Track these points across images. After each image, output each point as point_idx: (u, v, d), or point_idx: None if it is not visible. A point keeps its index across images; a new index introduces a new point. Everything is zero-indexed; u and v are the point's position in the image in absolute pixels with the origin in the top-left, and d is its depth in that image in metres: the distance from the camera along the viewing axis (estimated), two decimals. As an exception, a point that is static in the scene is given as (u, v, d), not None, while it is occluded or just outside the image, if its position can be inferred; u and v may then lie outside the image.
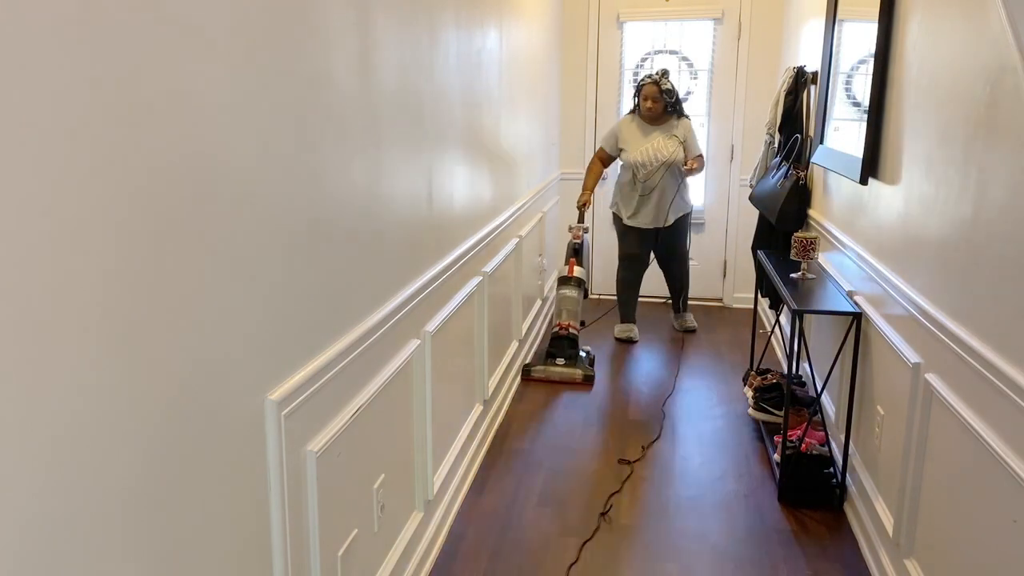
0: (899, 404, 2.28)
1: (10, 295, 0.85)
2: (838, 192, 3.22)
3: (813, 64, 3.75)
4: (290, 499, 1.51)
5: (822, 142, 3.43)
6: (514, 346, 3.92)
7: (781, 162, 3.84)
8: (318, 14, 1.55)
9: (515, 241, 3.72)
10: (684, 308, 4.87)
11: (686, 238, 4.67)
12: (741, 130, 5.20)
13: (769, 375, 3.55)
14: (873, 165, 2.65)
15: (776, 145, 3.97)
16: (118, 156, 1.00)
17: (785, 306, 3.66)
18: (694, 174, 4.43)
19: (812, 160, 3.58)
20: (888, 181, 2.52)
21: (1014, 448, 1.60)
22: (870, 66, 2.66)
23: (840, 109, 3.24)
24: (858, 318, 2.69)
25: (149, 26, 1.05)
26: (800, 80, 3.79)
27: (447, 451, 2.71)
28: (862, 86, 2.83)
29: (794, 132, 3.78)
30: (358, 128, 1.78)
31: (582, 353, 4.15)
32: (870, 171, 2.68)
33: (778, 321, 4.22)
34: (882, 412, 2.46)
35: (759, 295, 4.09)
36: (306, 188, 1.53)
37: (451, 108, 2.55)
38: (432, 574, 2.43)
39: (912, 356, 2.18)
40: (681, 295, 4.83)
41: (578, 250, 4.40)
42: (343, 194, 1.71)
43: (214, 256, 1.22)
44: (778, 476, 2.91)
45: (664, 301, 5.27)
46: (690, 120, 4.51)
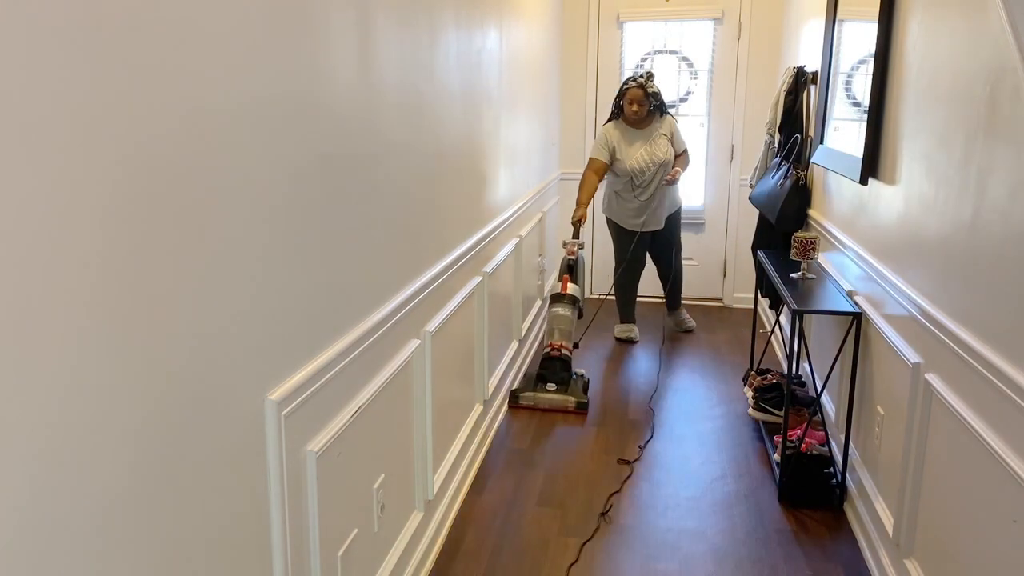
0: (899, 404, 2.28)
1: (3, 294, 0.85)
2: (838, 192, 3.22)
3: (813, 64, 3.75)
4: (290, 499, 1.51)
5: (822, 142, 3.43)
6: (514, 346, 3.92)
7: (781, 162, 3.84)
8: (318, 14, 1.55)
9: (515, 241, 3.72)
10: (678, 304, 4.80)
11: (678, 231, 4.66)
12: (741, 130, 5.20)
13: (769, 375, 3.55)
14: (873, 165, 2.66)
15: (776, 145, 3.97)
16: (118, 155, 1.00)
17: (785, 306, 3.66)
18: (677, 179, 4.40)
19: (812, 160, 3.58)
20: (888, 181, 2.52)
21: (1014, 448, 1.60)
22: (870, 66, 2.66)
23: (840, 109, 3.24)
24: (858, 318, 2.69)
25: (149, 32, 1.05)
26: (800, 80, 3.79)
27: (447, 451, 2.71)
28: (862, 86, 2.83)
29: (794, 132, 3.77)
30: (358, 127, 1.78)
31: (575, 375, 3.85)
32: (870, 171, 2.68)
33: (778, 321, 4.22)
34: (882, 412, 2.46)
35: (759, 295, 4.09)
36: (306, 189, 1.53)
37: (451, 108, 2.55)
38: (432, 574, 2.43)
39: (912, 356, 2.18)
40: (674, 287, 4.76)
41: (572, 267, 4.20)
42: (343, 193, 1.71)
43: (214, 256, 1.22)
44: (778, 476, 2.91)
45: (661, 300, 5.12)
46: (672, 116, 4.48)
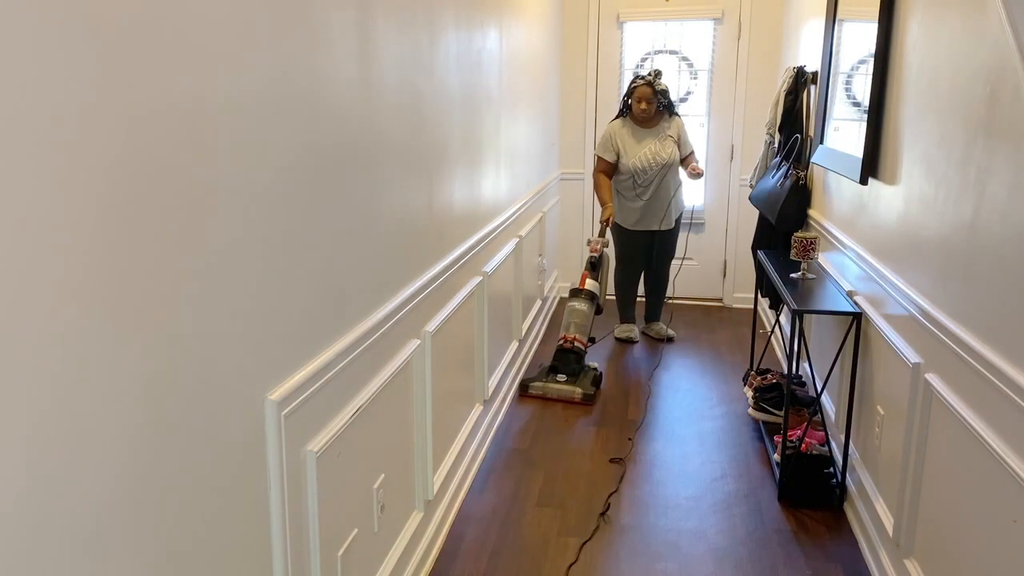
0: (899, 404, 2.28)
1: (0, 293, 0.85)
2: (838, 192, 3.22)
3: (813, 64, 3.75)
4: (290, 499, 1.51)
5: (822, 142, 3.43)
6: (514, 346, 3.92)
7: (781, 162, 3.84)
8: (318, 13, 1.55)
9: (515, 241, 3.72)
10: (658, 315, 4.76)
11: (677, 241, 4.64)
12: (741, 130, 5.20)
13: (769, 375, 3.55)
14: (873, 165, 2.65)
15: (776, 145, 3.97)
16: (116, 154, 1.00)
17: (785, 306, 3.66)
18: (699, 177, 4.39)
19: (812, 160, 3.58)
20: (888, 181, 2.52)
21: (1014, 448, 1.60)
22: (870, 66, 2.66)
23: (840, 109, 3.24)
24: (858, 318, 2.69)
25: (148, 33, 1.05)
26: (800, 80, 3.78)
27: (447, 451, 2.71)
28: (862, 86, 2.83)
29: (794, 132, 3.77)
30: (358, 127, 1.78)
31: (587, 368, 3.93)
32: (870, 171, 2.68)
33: (778, 321, 4.22)
34: (882, 412, 2.46)
35: (759, 295, 4.09)
36: (306, 188, 1.53)
37: (451, 108, 2.55)
38: (432, 574, 2.43)
39: (912, 356, 2.18)
40: (657, 298, 4.74)
41: (595, 264, 4.25)
42: (343, 193, 1.71)
43: (214, 255, 1.22)
44: (778, 476, 2.91)
45: (667, 300, 4.98)
46: (680, 118, 4.47)
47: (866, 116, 2.66)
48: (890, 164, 2.50)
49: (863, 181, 2.71)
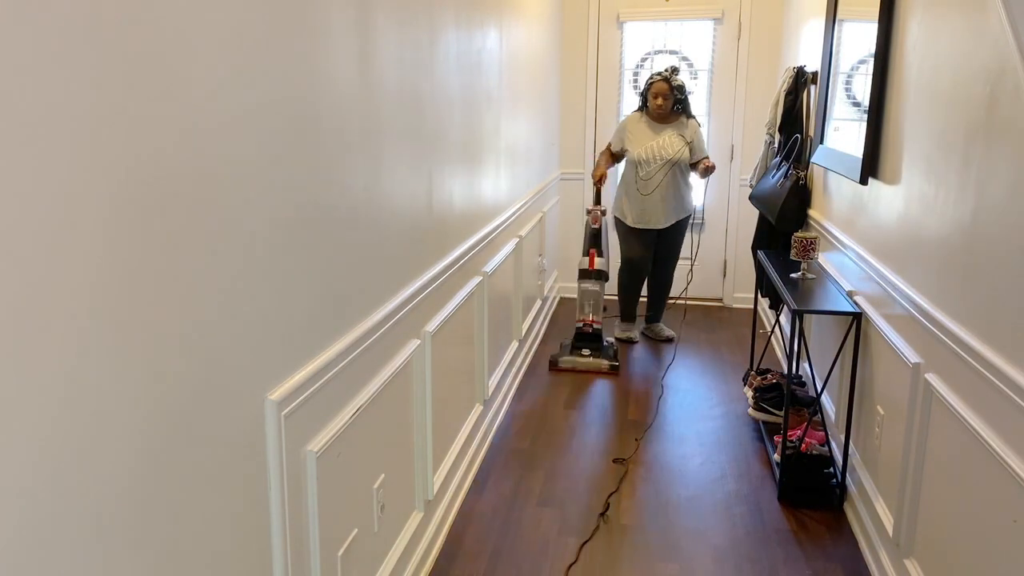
0: (899, 404, 2.28)
1: (4, 295, 0.85)
2: (838, 192, 3.22)
3: (813, 64, 3.75)
4: (290, 499, 1.51)
5: (822, 142, 3.43)
6: (514, 346, 3.92)
7: (781, 162, 3.84)
8: (318, 13, 1.55)
9: (515, 241, 3.72)
10: (659, 316, 4.75)
11: (682, 243, 4.59)
12: (741, 130, 5.20)
13: (769, 375, 3.55)
14: (873, 165, 2.65)
15: (776, 145, 3.97)
16: (115, 153, 1.00)
17: (785, 306, 3.66)
18: (710, 173, 4.36)
19: (812, 160, 3.58)
20: (888, 181, 2.52)
21: (1014, 448, 1.60)
22: (870, 66, 2.66)
23: (840, 109, 3.24)
24: (858, 318, 2.69)
25: (147, 24, 1.05)
26: (800, 80, 3.78)
27: (447, 451, 2.71)
28: (862, 86, 2.83)
29: (794, 132, 3.77)
30: (358, 127, 1.78)
31: (606, 343, 4.29)
32: (870, 171, 2.68)
33: (778, 321, 4.22)
34: (882, 412, 2.46)
35: (759, 295, 4.09)
36: (306, 188, 1.53)
37: (451, 108, 2.55)
38: (432, 574, 2.43)
39: (912, 356, 2.18)
40: (660, 299, 4.72)
41: (596, 236, 4.29)
42: (343, 194, 1.71)
43: (214, 256, 1.23)
44: (778, 476, 2.91)
45: (674, 301, 4.92)
46: (698, 122, 4.46)
47: (866, 116, 2.66)
48: (890, 164, 2.50)
49: (863, 181, 2.71)
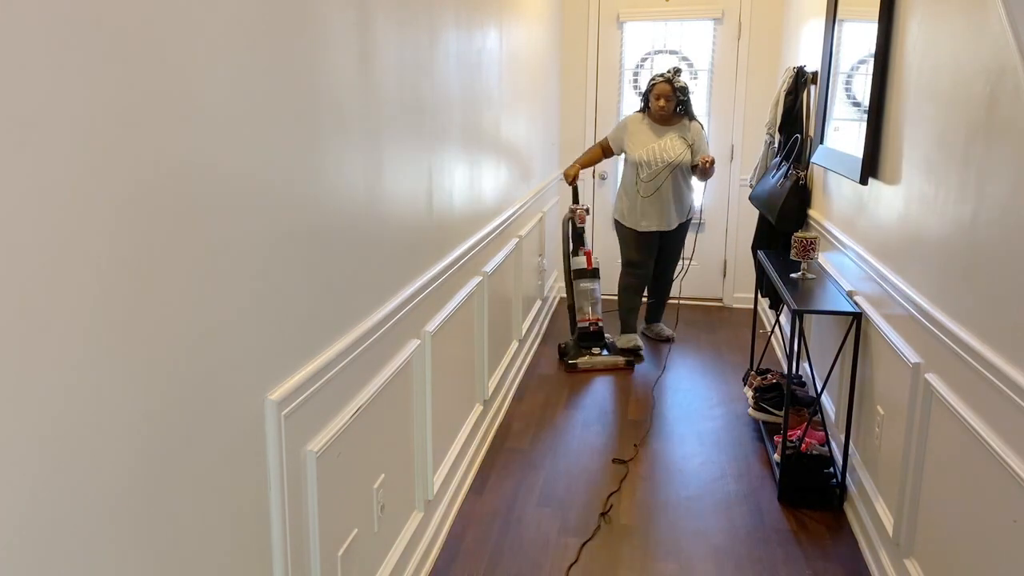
0: (899, 404, 2.28)
1: (7, 294, 0.85)
2: (838, 192, 3.22)
3: (813, 64, 3.75)
4: (290, 499, 1.51)
5: (822, 142, 3.43)
6: (514, 346, 3.92)
7: (781, 162, 3.84)
8: (319, 14, 1.55)
9: (515, 241, 3.72)
10: (660, 317, 4.74)
11: (684, 245, 4.55)
12: (741, 130, 5.20)
13: (769, 375, 3.55)
14: (873, 165, 2.65)
15: (776, 145, 3.97)
16: (117, 155, 1.00)
17: (785, 306, 3.66)
18: (709, 175, 4.21)
19: (812, 160, 3.58)
20: (888, 181, 2.52)
21: (1014, 448, 1.60)
22: (870, 66, 2.66)
23: (840, 109, 3.24)
24: (858, 318, 2.69)
25: (148, 27, 1.05)
26: (800, 80, 3.78)
27: (447, 451, 2.71)
28: (862, 86, 2.83)
29: (794, 132, 3.78)
30: (358, 128, 1.78)
31: (608, 340, 4.35)
32: (870, 171, 2.68)
33: (778, 321, 4.22)
34: (882, 412, 2.46)
35: (759, 295, 4.09)
36: (306, 188, 1.53)
37: (451, 108, 2.55)
38: (432, 574, 2.43)
39: (912, 356, 2.18)
40: (660, 300, 4.70)
41: (581, 235, 4.31)
42: (343, 194, 1.71)
43: (214, 256, 1.23)
44: (778, 476, 2.91)
45: (671, 301, 4.89)
46: (701, 125, 4.34)
47: (866, 116, 2.66)
48: (890, 164, 2.50)
49: (863, 181, 2.71)
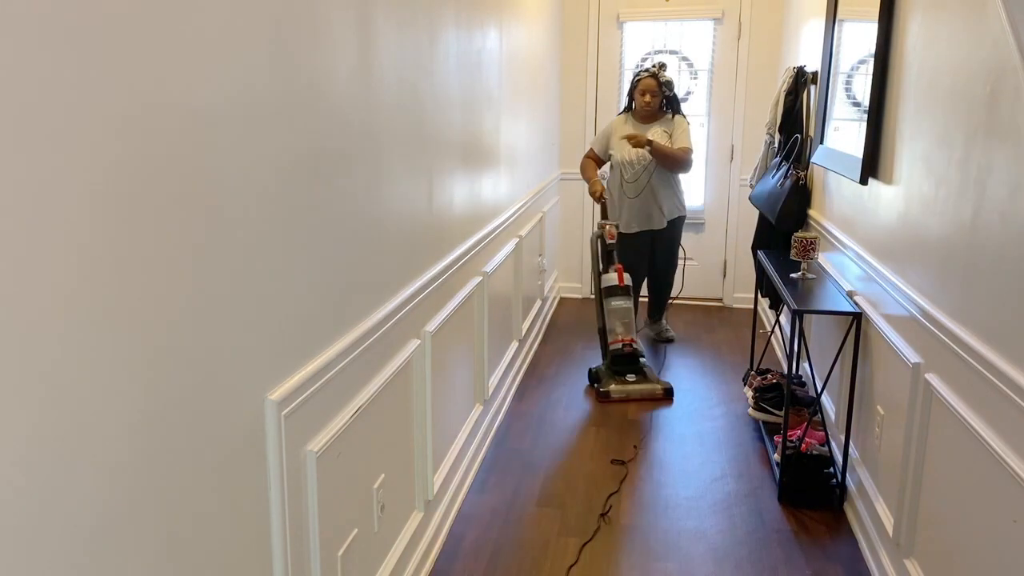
0: (899, 404, 2.28)
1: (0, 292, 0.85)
2: (838, 192, 3.22)
3: (813, 64, 3.75)
4: (290, 499, 1.51)
5: (822, 142, 3.43)
6: (514, 346, 3.92)
7: (781, 162, 3.84)
8: (319, 14, 1.55)
9: (515, 241, 3.72)
10: (661, 314, 4.70)
11: (678, 244, 4.51)
12: (741, 130, 5.20)
13: (769, 375, 3.55)
14: (873, 165, 2.65)
15: (776, 145, 3.97)
16: (115, 154, 1.00)
17: (785, 306, 3.66)
18: (669, 162, 4.14)
19: (812, 160, 3.58)
20: (888, 181, 2.52)
21: (1014, 448, 1.60)
22: (870, 66, 2.66)
23: (840, 109, 3.24)
24: (858, 318, 2.69)
25: (145, 23, 1.05)
26: (800, 80, 3.79)
27: (447, 451, 2.71)
28: (862, 86, 2.83)
29: (794, 132, 3.77)
30: (358, 127, 1.78)
31: (643, 364, 3.96)
32: (870, 171, 2.68)
33: (778, 321, 4.22)
34: (882, 412, 2.46)
35: (759, 295, 4.09)
36: (306, 187, 1.53)
37: (451, 108, 2.55)
38: (432, 574, 2.43)
39: (912, 356, 2.18)
40: (660, 297, 4.66)
41: (611, 252, 4.06)
42: (343, 193, 1.71)
43: (214, 256, 1.23)
44: (778, 476, 2.91)
45: (671, 300, 4.86)
46: (687, 120, 4.31)
47: (866, 116, 2.66)
48: (890, 164, 2.50)
49: (863, 181, 2.71)
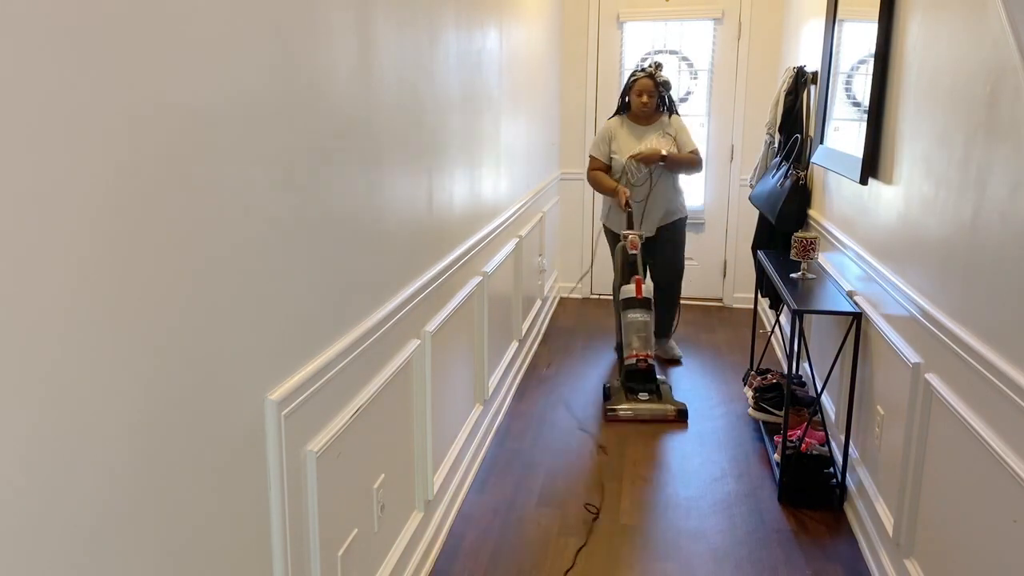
0: (899, 404, 2.28)
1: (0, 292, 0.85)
2: (838, 192, 3.22)
3: (813, 64, 3.75)
4: (290, 499, 1.51)
5: (822, 142, 3.43)
6: (514, 346, 3.92)
7: (781, 162, 3.84)
8: (319, 14, 1.55)
9: (515, 241, 3.72)
10: (668, 332, 4.35)
11: (682, 249, 4.28)
12: (741, 130, 5.20)
13: (769, 375, 3.55)
14: (873, 165, 2.65)
15: (776, 145, 3.97)
16: (117, 155, 1.00)
17: (785, 306, 3.66)
18: (685, 169, 4.06)
19: (812, 160, 3.58)
20: (888, 181, 2.52)
21: (1014, 448, 1.60)
22: (870, 66, 2.66)
23: (840, 109, 3.24)
24: (858, 318, 2.69)
25: (144, 22, 1.05)
26: (800, 80, 3.78)
27: (447, 451, 2.71)
28: (862, 86, 2.83)
29: (794, 132, 3.77)
30: (358, 127, 1.78)
31: (661, 382, 3.74)
32: (870, 171, 2.68)
33: (778, 321, 4.22)
34: (882, 412, 2.46)
35: (759, 295, 4.09)
36: (306, 188, 1.53)
37: (451, 108, 2.55)
38: (432, 574, 2.43)
39: (912, 356, 2.18)
40: (667, 313, 4.30)
41: (635, 263, 3.86)
42: (343, 193, 1.71)
43: (214, 256, 1.23)
44: (778, 476, 2.91)
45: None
46: (681, 118, 4.19)
47: (866, 116, 2.66)
48: (890, 164, 2.50)
49: (863, 181, 2.71)
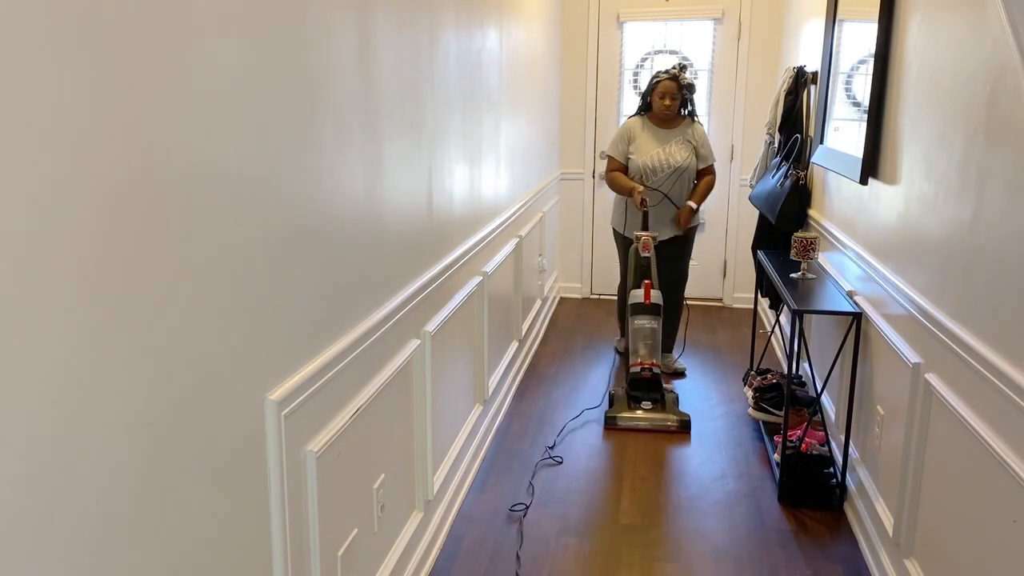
0: (899, 404, 2.28)
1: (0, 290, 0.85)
2: (838, 192, 3.22)
3: (813, 64, 3.75)
4: (290, 499, 1.51)
5: (822, 142, 3.43)
6: (514, 346, 3.92)
7: (781, 162, 3.84)
8: (319, 14, 1.55)
9: (515, 241, 3.72)
10: (670, 347, 4.21)
11: (689, 256, 4.20)
12: (741, 130, 5.20)
13: (769, 375, 3.55)
14: (873, 165, 2.66)
15: (776, 145, 3.96)
16: (113, 151, 1.00)
17: (785, 306, 3.66)
18: (694, 212, 4.00)
19: (812, 160, 3.58)
20: (888, 181, 2.52)
21: (1014, 448, 1.60)
22: (870, 66, 2.66)
23: (840, 109, 3.24)
24: (858, 318, 2.69)
25: (145, 23, 1.05)
26: (800, 80, 3.78)
27: (447, 451, 2.71)
28: (862, 86, 2.83)
29: (794, 132, 3.77)
30: (358, 127, 1.78)
31: (666, 391, 3.64)
32: (870, 171, 2.68)
33: (778, 321, 4.22)
34: (882, 412, 2.46)
35: (759, 295, 4.09)
36: (306, 187, 1.53)
37: (451, 108, 2.55)
38: (432, 574, 2.43)
39: (912, 356, 2.18)
40: (671, 328, 4.18)
41: (648, 266, 3.76)
42: (343, 193, 1.71)
43: (214, 255, 1.22)
44: (778, 476, 2.91)
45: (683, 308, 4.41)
46: (703, 126, 4.11)
47: (866, 116, 2.66)
48: (890, 164, 2.50)
49: (863, 181, 2.71)
